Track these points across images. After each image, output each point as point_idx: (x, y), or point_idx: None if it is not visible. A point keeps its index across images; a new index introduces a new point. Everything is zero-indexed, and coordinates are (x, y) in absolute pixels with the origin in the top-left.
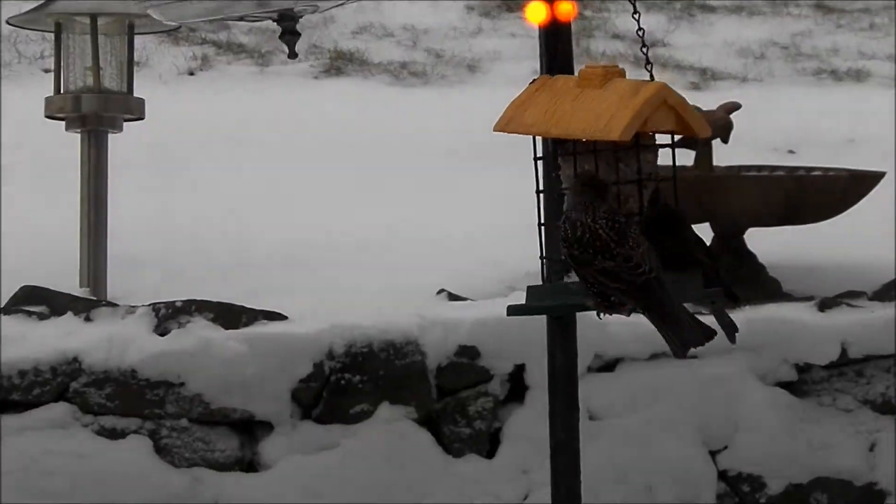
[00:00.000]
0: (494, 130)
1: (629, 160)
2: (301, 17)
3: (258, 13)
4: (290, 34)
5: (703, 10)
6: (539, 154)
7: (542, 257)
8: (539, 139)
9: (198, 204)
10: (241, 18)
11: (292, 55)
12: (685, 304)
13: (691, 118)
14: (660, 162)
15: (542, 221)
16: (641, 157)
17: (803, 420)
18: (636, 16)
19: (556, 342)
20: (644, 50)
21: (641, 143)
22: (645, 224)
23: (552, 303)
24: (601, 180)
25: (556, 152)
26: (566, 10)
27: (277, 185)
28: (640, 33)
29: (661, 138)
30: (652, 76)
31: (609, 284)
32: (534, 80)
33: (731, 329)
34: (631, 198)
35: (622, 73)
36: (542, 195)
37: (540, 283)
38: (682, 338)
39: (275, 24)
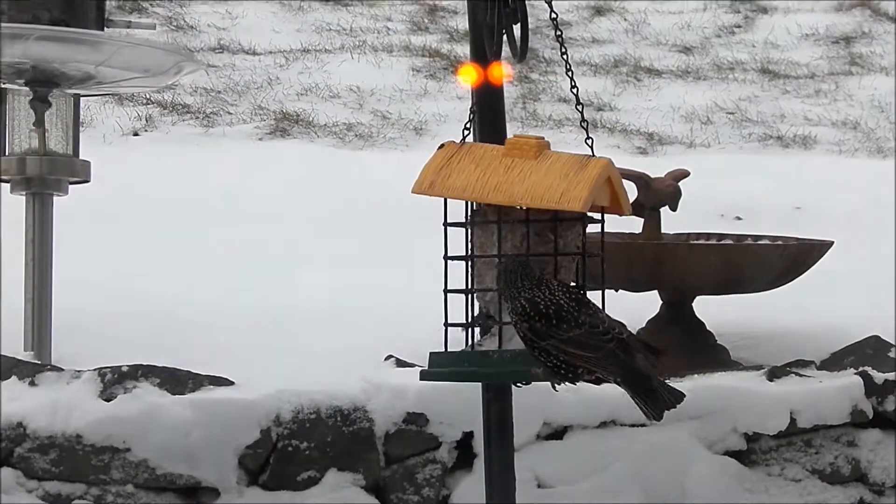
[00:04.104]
0: (413, 192)
1: (562, 232)
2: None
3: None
4: (40, 101)
5: (649, 75)
6: (449, 220)
7: (445, 324)
8: (451, 204)
9: (143, 267)
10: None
11: (39, 123)
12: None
13: (622, 196)
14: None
15: (448, 287)
16: (575, 231)
17: (752, 490)
18: (569, 73)
19: (491, 409)
20: (579, 108)
21: (579, 218)
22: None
23: (460, 369)
24: (526, 263)
25: (469, 221)
26: (498, 73)
27: (222, 247)
28: (574, 91)
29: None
30: (590, 138)
31: (577, 353)
32: (442, 144)
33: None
34: (562, 269)
35: (548, 145)
36: (448, 261)
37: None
38: (655, 403)
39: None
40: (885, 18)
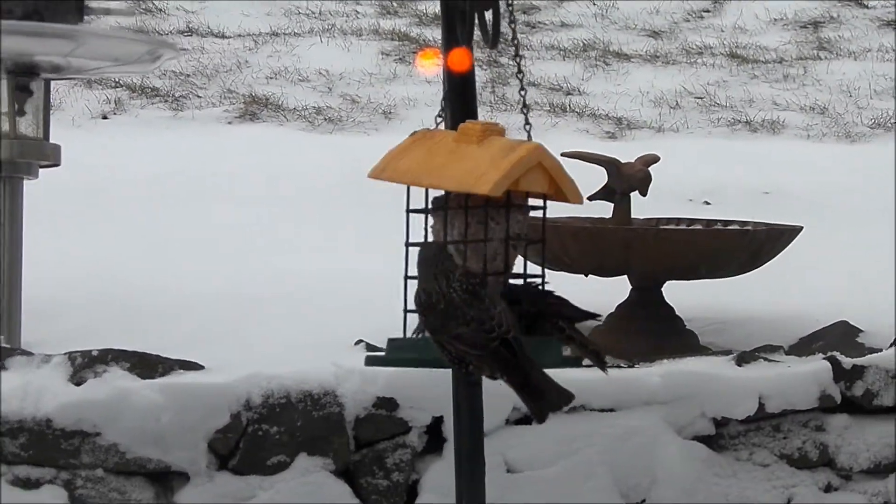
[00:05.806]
0: (369, 177)
1: (499, 218)
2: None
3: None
4: (20, 90)
5: (618, 59)
6: (412, 207)
7: (405, 310)
8: (413, 192)
9: (113, 251)
10: None
11: (21, 112)
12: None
13: (565, 184)
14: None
15: (409, 274)
16: (511, 217)
17: (720, 474)
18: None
19: (461, 395)
20: (522, 94)
21: (512, 203)
22: (507, 289)
23: (412, 356)
24: (444, 250)
25: (427, 208)
26: (458, 58)
27: (192, 231)
28: (520, 77)
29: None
30: (528, 124)
31: (464, 350)
32: (413, 132)
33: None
34: (499, 256)
35: (501, 132)
36: (409, 247)
37: (401, 335)
38: (540, 403)
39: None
40: (853, 3)
